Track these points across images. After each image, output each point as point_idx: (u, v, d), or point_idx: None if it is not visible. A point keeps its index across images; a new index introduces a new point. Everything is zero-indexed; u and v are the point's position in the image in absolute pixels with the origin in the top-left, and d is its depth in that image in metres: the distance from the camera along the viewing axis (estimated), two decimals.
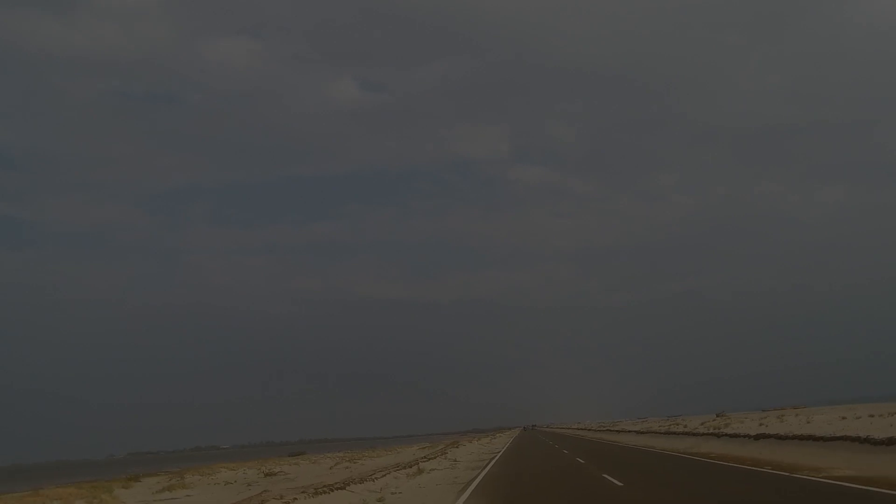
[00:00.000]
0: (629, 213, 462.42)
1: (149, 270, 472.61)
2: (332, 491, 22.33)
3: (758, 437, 29.84)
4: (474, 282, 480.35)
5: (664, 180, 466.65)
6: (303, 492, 22.45)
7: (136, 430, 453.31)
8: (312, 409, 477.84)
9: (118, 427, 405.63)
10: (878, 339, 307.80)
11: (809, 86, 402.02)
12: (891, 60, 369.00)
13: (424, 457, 41.71)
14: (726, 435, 34.42)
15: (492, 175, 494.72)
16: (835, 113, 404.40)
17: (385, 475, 29.11)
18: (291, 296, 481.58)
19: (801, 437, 25.65)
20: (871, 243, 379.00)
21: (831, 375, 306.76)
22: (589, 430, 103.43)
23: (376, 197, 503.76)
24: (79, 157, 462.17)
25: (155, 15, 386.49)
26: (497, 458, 41.06)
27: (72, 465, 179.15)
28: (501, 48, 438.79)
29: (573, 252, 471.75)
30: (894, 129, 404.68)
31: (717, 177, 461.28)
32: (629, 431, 67.54)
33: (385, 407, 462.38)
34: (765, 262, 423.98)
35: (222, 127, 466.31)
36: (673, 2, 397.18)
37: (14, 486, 52.99)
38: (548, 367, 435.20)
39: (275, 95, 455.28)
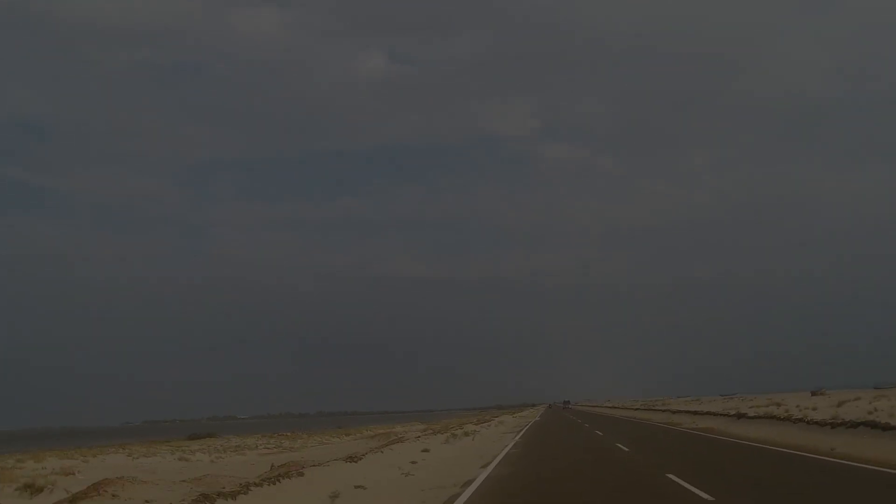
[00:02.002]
0: (659, 193, 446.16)
1: (174, 244, 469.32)
2: None
3: None
4: (500, 260, 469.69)
5: (696, 159, 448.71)
6: None
7: (156, 401, 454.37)
8: (334, 384, 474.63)
9: (140, 398, 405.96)
10: None
11: (853, 59, 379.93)
12: None
13: (371, 449, 29.76)
14: None
15: (520, 152, 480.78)
16: (879, 87, 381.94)
17: None
18: (315, 271, 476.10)
19: None
20: None
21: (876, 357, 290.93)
22: (636, 409, 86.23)
23: (403, 173, 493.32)
24: (108, 128, 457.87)
25: None
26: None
27: (79, 431, 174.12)
28: (534, 19, 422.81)
29: (601, 231, 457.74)
30: None
31: (752, 156, 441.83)
32: (718, 415, 41.14)
33: (408, 382, 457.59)
34: (801, 245, 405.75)
35: (249, 99, 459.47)
36: None
37: None
38: (574, 346, 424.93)
39: (303, 67, 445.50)
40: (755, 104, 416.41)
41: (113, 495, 14.96)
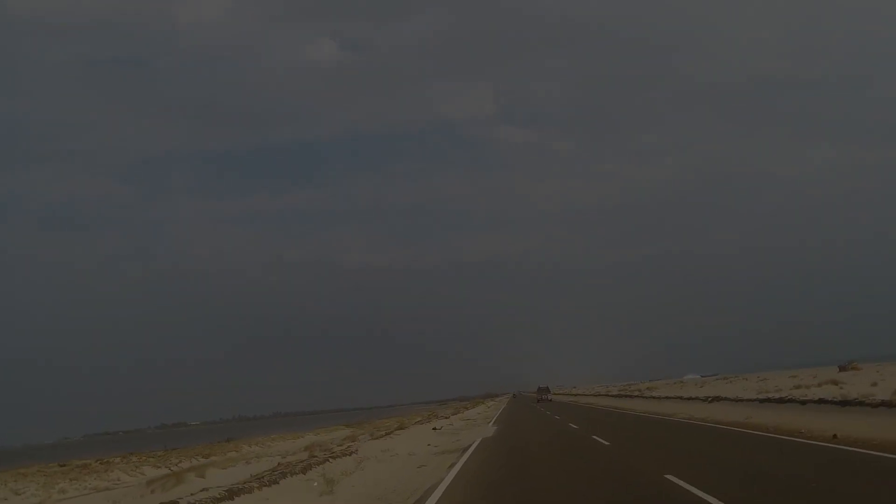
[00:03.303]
0: (615, 174, 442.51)
1: (121, 242, 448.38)
2: None
3: None
4: (461, 245, 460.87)
5: (650, 139, 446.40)
6: None
7: (99, 412, 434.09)
8: (293, 383, 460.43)
9: (79, 410, 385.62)
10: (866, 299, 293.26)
11: (802, 39, 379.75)
12: (890, 14, 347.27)
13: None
14: None
15: (477, 136, 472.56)
16: (830, 68, 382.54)
17: None
18: (273, 265, 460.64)
19: None
20: (861, 201, 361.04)
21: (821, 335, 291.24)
22: (617, 396, 74.07)
23: (359, 161, 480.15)
24: (48, 125, 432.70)
25: None
26: None
27: (6, 451, 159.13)
28: (488, 1, 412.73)
29: (559, 213, 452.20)
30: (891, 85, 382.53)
31: (704, 135, 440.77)
32: (741, 400, 30.82)
33: (368, 375, 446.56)
34: (751, 222, 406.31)
35: (198, 91, 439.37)
36: None
37: None
38: (538, 330, 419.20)
39: (252, 56, 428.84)
40: (705, 85, 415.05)
41: None
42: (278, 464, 22.82)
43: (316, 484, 16.08)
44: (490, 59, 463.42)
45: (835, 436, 16.36)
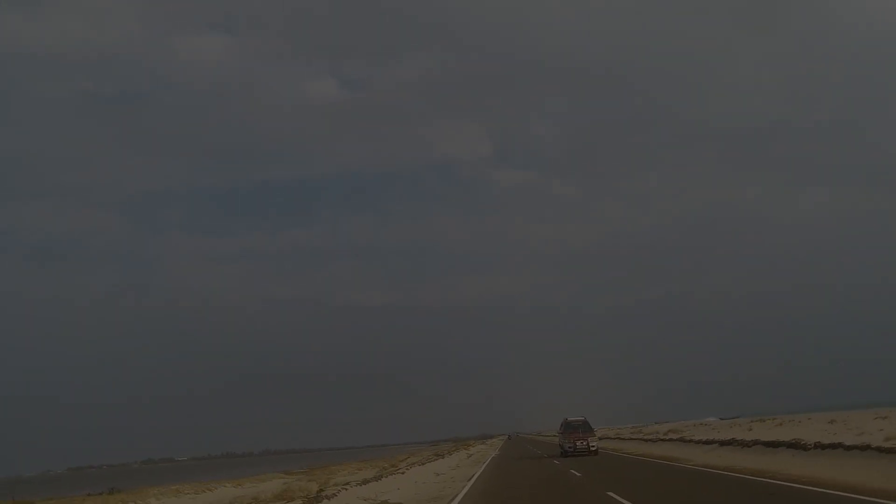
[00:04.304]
0: (612, 216, 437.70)
1: (115, 278, 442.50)
2: None
3: None
4: (455, 287, 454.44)
5: (648, 182, 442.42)
6: None
7: (83, 446, 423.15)
8: (285, 420, 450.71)
9: (63, 443, 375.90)
10: (868, 342, 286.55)
11: (800, 85, 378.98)
12: (886, 60, 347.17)
13: None
14: None
15: (473, 177, 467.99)
16: (826, 113, 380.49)
17: None
18: (266, 303, 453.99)
19: None
20: (859, 246, 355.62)
21: (822, 379, 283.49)
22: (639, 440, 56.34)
23: (354, 201, 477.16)
24: (48, 159, 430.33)
25: (125, 9, 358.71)
26: None
27: None
28: (484, 42, 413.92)
29: (555, 255, 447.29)
30: (888, 130, 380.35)
31: (702, 178, 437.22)
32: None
33: (358, 415, 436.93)
34: (749, 266, 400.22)
35: (197, 128, 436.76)
36: None
37: None
38: (531, 373, 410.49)
39: (251, 95, 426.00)
40: (705, 129, 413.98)
41: None
42: None
43: None
44: (488, 100, 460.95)
45: None
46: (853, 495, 14.48)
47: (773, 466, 21.77)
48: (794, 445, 24.14)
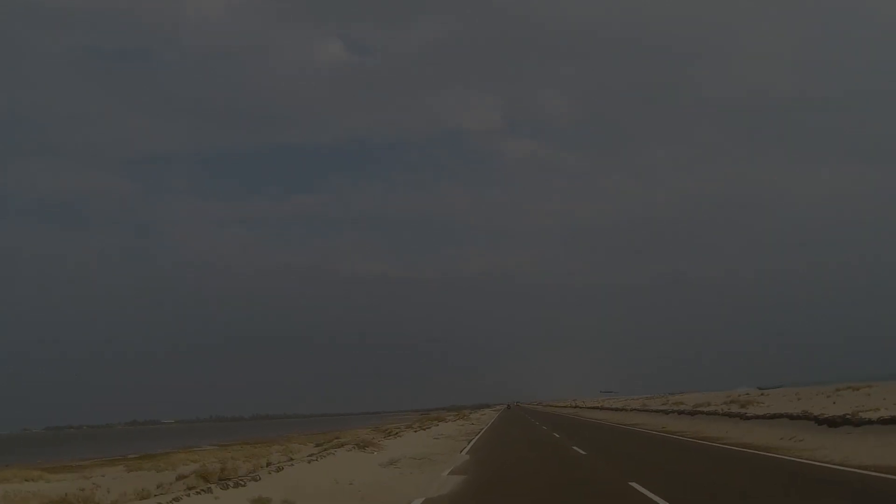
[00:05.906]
0: (622, 190, 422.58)
1: (116, 240, 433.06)
2: None
3: None
4: (461, 258, 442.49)
5: (659, 156, 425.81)
6: None
7: (62, 404, 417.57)
8: (280, 385, 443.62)
9: (42, 401, 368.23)
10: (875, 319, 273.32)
11: (819, 55, 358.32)
12: None
13: None
14: None
15: (481, 148, 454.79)
16: (847, 85, 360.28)
17: None
18: (262, 268, 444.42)
19: None
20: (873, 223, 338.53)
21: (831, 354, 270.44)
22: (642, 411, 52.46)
23: (361, 168, 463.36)
24: (48, 118, 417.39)
25: None
26: None
27: None
28: (497, 8, 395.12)
29: (563, 229, 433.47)
30: None
31: (714, 152, 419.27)
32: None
33: (359, 381, 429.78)
34: (760, 243, 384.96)
35: (202, 89, 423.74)
36: None
37: None
38: (536, 344, 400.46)
39: (257, 56, 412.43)
40: (717, 100, 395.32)
41: None
42: None
43: None
44: (497, 68, 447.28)
45: None
46: None
47: None
48: None
